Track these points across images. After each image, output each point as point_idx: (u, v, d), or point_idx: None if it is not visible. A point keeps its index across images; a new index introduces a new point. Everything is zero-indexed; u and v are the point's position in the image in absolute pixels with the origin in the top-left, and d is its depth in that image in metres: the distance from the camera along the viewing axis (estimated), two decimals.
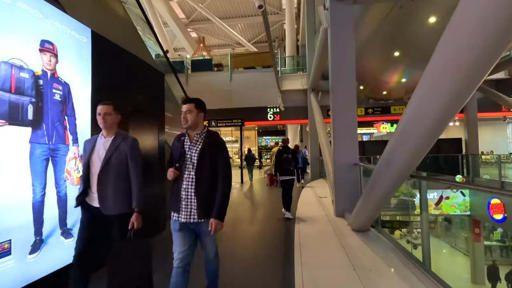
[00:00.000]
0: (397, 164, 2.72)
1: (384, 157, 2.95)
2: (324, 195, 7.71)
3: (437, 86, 2.13)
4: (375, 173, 3.22)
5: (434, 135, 2.36)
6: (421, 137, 2.40)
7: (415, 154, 2.54)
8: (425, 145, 2.45)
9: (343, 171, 5.16)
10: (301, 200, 7.12)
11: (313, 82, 11.99)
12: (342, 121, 5.26)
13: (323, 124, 9.76)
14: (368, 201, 3.54)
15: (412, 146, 2.50)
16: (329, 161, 7.51)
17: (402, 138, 2.63)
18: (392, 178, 2.86)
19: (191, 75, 13.85)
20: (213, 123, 11.45)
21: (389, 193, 3.19)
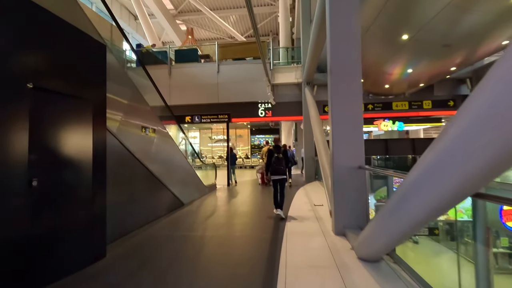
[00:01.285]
0: (464, 170, 1.56)
1: (431, 160, 1.80)
2: (320, 202, 6.58)
3: None
4: (409, 186, 2.07)
5: None
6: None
7: None
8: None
9: (345, 176, 4.02)
10: (292, 208, 5.97)
11: (308, 74, 10.87)
12: (344, 111, 4.13)
13: (319, 120, 8.64)
14: (389, 226, 2.40)
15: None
16: (325, 163, 6.38)
17: (483, 120, 1.46)
18: (446, 194, 1.70)
19: (174, 66, 12.63)
20: (196, 119, 10.25)
21: (432, 217, 2.04)
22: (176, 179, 6.19)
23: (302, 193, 8.19)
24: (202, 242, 3.97)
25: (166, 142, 5.82)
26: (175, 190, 6.02)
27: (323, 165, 6.39)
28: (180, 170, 6.51)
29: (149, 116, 5.11)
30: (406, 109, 11.90)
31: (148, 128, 4.98)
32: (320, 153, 6.83)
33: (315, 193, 8.02)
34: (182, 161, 6.61)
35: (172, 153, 6.10)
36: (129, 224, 4.32)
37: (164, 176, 5.54)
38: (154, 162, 5.22)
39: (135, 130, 4.61)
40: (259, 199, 7.63)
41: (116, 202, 3.91)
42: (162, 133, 5.60)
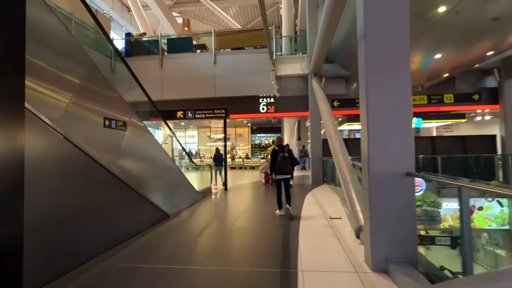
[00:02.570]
0: None
1: None
2: (336, 213, 5.35)
3: None
4: None
5: None
6: None
7: None
8: None
9: (386, 187, 2.79)
10: (304, 223, 4.74)
11: (316, 64, 9.63)
12: (385, 99, 2.91)
13: (331, 114, 7.40)
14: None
15: None
16: (344, 166, 5.15)
17: None
18: None
19: (167, 57, 11.40)
20: (189, 114, 9.03)
21: None
22: (158, 185, 4.97)
23: (311, 200, 6.96)
24: (184, 281, 2.74)
25: (144, 140, 4.60)
26: (156, 200, 4.81)
27: (340, 168, 5.15)
28: (164, 174, 5.29)
29: (117, 105, 3.89)
30: (425, 103, 10.65)
31: (115, 120, 3.75)
32: (335, 153, 5.60)
33: (327, 201, 6.79)
34: (167, 163, 5.39)
35: (152, 154, 4.87)
36: (77, 254, 3.09)
37: (139, 182, 4.32)
38: (125, 165, 4.00)
39: (93, 122, 3.39)
40: (262, 207, 6.39)
41: (57, 223, 2.70)
42: (138, 128, 4.37)
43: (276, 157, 5.21)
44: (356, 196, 4.32)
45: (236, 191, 8.84)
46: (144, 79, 11.82)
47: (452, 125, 20.37)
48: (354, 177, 4.73)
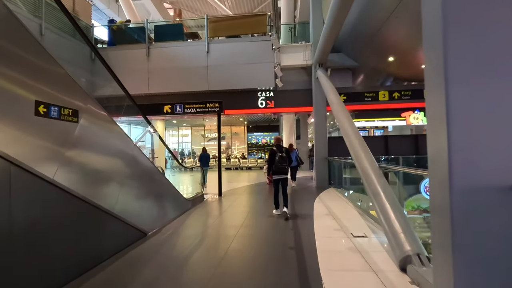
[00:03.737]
0: None
1: None
2: (356, 227, 4.27)
3: None
4: None
5: None
6: None
7: None
8: None
9: (485, 207, 1.69)
10: (322, 246, 3.62)
11: (322, 53, 8.56)
12: (482, 81, 1.79)
13: (344, 107, 6.30)
14: None
15: None
16: (370, 170, 4.05)
17: None
18: None
19: (154, 46, 10.19)
20: (178, 109, 7.87)
21: None
22: (130, 196, 3.82)
23: (321, 209, 5.85)
24: None
25: (109, 136, 3.44)
26: (127, 215, 3.65)
27: (365, 173, 4.05)
28: (140, 181, 4.12)
29: (62, 85, 2.73)
30: None
31: (58, 107, 2.59)
32: (356, 154, 4.49)
33: (340, 210, 5.69)
34: (144, 167, 4.22)
35: (122, 155, 3.70)
36: None
37: (100, 194, 3.17)
38: (76, 171, 2.84)
39: (13, 107, 2.22)
40: (264, 219, 5.26)
41: None
42: (98, 119, 3.21)
43: (274, 157, 5.20)
44: (393, 212, 3.22)
45: (232, 196, 7.70)
46: (128, 70, 10.60)
47: None
48: (387, 185, 3.64)
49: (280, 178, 5.27)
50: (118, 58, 10.30)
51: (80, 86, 2.93)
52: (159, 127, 17.59)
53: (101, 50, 10.48)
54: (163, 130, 17.95)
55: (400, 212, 3.21)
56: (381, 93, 9.83)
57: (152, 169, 4.48)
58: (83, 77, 9.91)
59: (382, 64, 8.97)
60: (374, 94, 9.86)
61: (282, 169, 5.21)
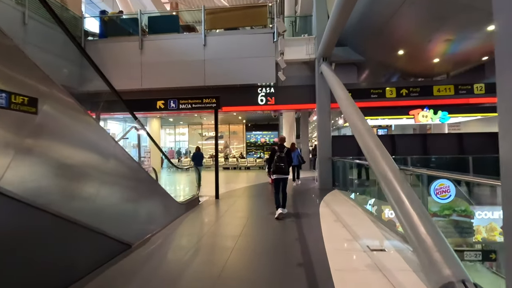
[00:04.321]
0: None
1: None
2: (372, 237, 3.73)
3: None
4: None
5: None
6: None
7: None
8: None
9: None
10: (336, 264, 3.08)
11: (327, 46, 8.01)
12: None
13: (353, 102, 5.76)
14: None
15: None
16: (390, 174, 3.51)
17: None
18: None
19: (148, 38, 9.60)
20: (172, 105, 7.29)
21: None
22: (109, 203, 3.25)
23: (329, 214, 5.31)
24: None
25: (82, 132, 2.87)
26: (107, 225, 3.09)
27: (384, 176, 3.49)
28: (123, 185, 3.55)
29: (15, 67, 2.16)
30: (451, 94, 9.12)
31: (7, 93, 2.02)
32: (372, 155, 3.94)
33: (350, 216, 5.16)
34: (128, 169, 3.65)
35: (99, 156, 3.13)
36: None
37: (71, 202, 2.61)
38: (35, 175, 2.27)
39: None
40: (266, 227, 4.71)
41: None
42: (67, 110, 2.64)
43: (273, 156, 5.24)
44: (423, 225, 2.68)
45: (230, 199, 7.14)
46: (120, 64, 10.00)
47: (460, 123, 19.03)
48: (412, 192, 3.10)
49: (280, 178, 5.27)
50: (109, 51, 9.72)
51: (41, 69, 2.35)
52: (155, 125, 16.99)
53: (91, 42, 9.88)
54: (158, 128, 17.35)
55: (432, 225, 2.67)
56: (388, 89, 9.30)
57: (138, 171, 3.91)
58: (74, 72, 9.32)
59: (390, 58, 8.44)
60: (381, 91, 9.33)
61: (280, 168, 5.20)
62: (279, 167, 5.20)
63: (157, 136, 17.18)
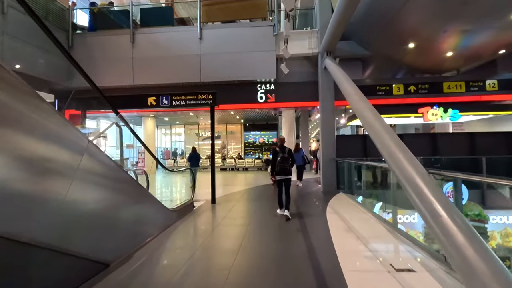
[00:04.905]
0: None
1: None
2: (398, 257, 3.18)
3: None
4: None
5: None
6: None
7: None
8: None
9: None
10: (355, 285, 2.52)
11: (331, 39, 7.46)
12: None
13: (363, 96, 5.22)
14: None
15: None
16: (416, 177, 2.97)
17: None
18: None
19: (140, 31, 9.00)
20: (164, 101, 6.71)
21: None
22: (78, 216, 2.65)
23: (338, 223, 4.74)
24: None
25: (41, 130, 2.26)
26: (75, 244, 2.51)
27: (410, 181, 2.94)
28: (98, 192, 2.96)
29: None
30: (462, 91, 8.61)
31: None
32: (392, 156, 3.38)
33: (362, 224, 4.60)
34: (105, 172, 3.06)
35: (65, 157, 2.52)
36: None
37: (19, 218, 2.01)
38: None
39: None
40: (269, 238, 4.14)
41: None
42: (21, 103, 2.04)
43: (276, 157, 5.23)
44: (471, 245, 2.13)
45: (228, 204, 6.56)
46: (110, 59, 9.35)
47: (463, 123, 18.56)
48: (448, 202, 2.56)
49: (283, 179, 5.26)
50: (99, 44, 9.12)
51: None
52: (150, 125, 16.36)
53: (79, 35, 9.27)
54: (154, 128, 16.73)
55: (482, 244, 2.12)
56: (395, 86, 8.78)
57: (119, 176, 3.32)
58: (61, 66, 8.69)
59: (399, 52, 7.91)
60: (388, 88, 8.81)
61: (284, 169, 5.18)
62: (283, 168, 5.16)
63: (152, 136, 16.56)
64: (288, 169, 5.23)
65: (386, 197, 4.85)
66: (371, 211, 5.45)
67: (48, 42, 2.97)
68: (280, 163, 5.14)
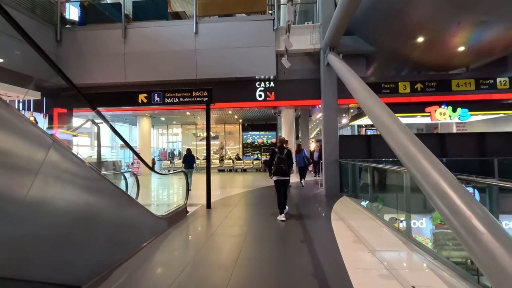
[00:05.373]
0: None
1: None
2: (419, 274, 2.72)
3: None
4: None
5: None
6: None
7: None
8: None
9: None
10: None
11: (335, 33, 7.04)
12: None
13: (372, 92, 4.78)
14: None
15: None
16: (444, 183, 2.50)
17: None
18: None
19: (132, 25, 8.53)
20: (156, 98, 6.24)
21: None
22: (40, 233, 2.18)
23: (345, 232, 4.28)
24: None
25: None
26: (35, 267, 2.04)
27: (436, 188, 2.49)
28: (66, 202, 2.48)
29: None
30: (472, 89, 8.19)
31: None
32: (413, 160, 2.92)
33: (372, 233, 4.15)
34: (75, 178, 2.58)
35: (18, 161, 2.06)
36: None
37: None
38: None
39: None
40: (272, 249, 3.68)
41: None
42: None
43: (273, 158, 5.25)
44: None
45: (224, 209, 6.10)
46: (101, 55, 8.81)
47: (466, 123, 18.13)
48: (487, 214, 2.11)
49: (280, 180, 5.26)
50: (89, 39, 8.64)
51: None
52: (145, 124, 15.85)
53: (68, 30, 8.78)
54: (149, 128, 16.22)
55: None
56: (401, 84, 8.34)
57: (94, 181, 2.84)
58: None
59: (406, 47, 7.48)
60: (393, 85, 8.37)
61: (280, 170, 5.19)
62: (279, 168, 5.18)
63: (147, 136, 16.06)
64: (284, 170, 5.20)
65: (399, 203, 4.39)
66: (380, 217, 5.00)
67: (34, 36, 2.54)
68: (277, 163, 5.18)
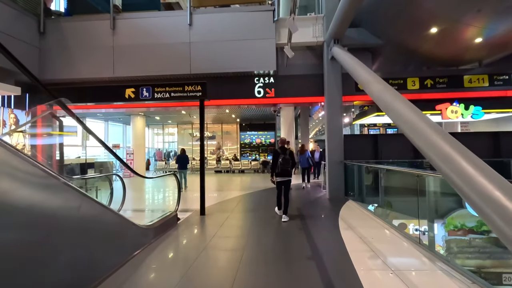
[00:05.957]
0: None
1: None
2: None
3: None
4: None
5: None
6: None
7: None
8: None
9: None
10: None
11: (340, 25, 6.50)
12: None
13: (386, 84, 4.24)
14: None
15: None
16: (498, 192, 1.92)
17: None
18: None
19: (122, 16, 7.93)
20: (145, 93, 5.66)
21: None
22: None
23: (356, 243, 3.72)
24: None
25: None
26: None
27: (487, 197, 1.94)
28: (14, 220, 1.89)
29: None
30: (486, 86, 7.68)
31: None
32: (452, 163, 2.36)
33: (387, 244, 3.59)
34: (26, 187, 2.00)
35: None
36: None
37: None
38: None
39: None
40: (277, 268, 3.11)
41: None
42: None
43: (277, 159, 5.15)
44: None
45: (220, 215, 5.52)
46: (88, 47, 8.17)
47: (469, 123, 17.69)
48: None
49: (283, 181, 5.23)
50: (75, 31, 8.03)
51: None
52: (139, 123, 15.22)
53: (52, 21, 8.16)
54: (143, 127, 15.59)
55: None
56: (409, 80, 7.82)
57: (55, 189, 2.26)
58: (30, 56, 7.61)
59: (416, 40, 6.95)
60: (402, 82, 7.85)
61: (285, 171, 5.16)
62: (285, 169, 5.14)
63: (141, 136, 15.44)
64: (289, 171, 5.19)
65: (420, 211, 3.84)
66: (395, 227, 4.45)
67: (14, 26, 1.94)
68: (282, 164, 5.09)
